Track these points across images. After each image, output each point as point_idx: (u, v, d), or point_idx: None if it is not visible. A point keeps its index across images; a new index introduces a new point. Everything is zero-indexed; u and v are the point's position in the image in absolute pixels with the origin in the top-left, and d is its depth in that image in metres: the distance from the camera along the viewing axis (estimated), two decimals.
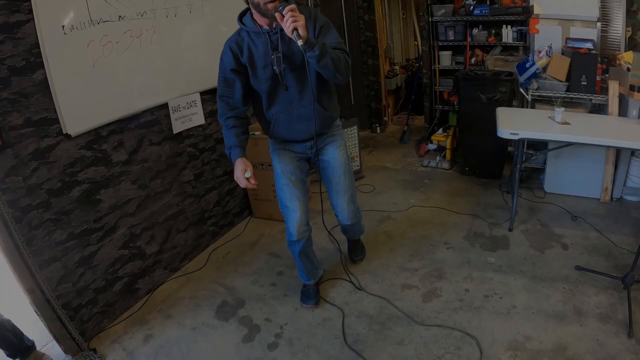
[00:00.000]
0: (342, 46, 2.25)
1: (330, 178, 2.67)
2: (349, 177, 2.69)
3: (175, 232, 3.35)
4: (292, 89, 2.32)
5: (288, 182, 2.58)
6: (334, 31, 2.28)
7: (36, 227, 2.39)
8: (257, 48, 2.24)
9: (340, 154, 2.62)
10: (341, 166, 2.63)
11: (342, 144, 2.66)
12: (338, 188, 2.69)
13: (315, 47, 2.00)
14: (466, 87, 4.43)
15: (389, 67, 6.95)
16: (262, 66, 2.26)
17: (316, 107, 2.35)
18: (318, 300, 2.93)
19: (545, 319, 2.61)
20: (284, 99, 2.35)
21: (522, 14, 4.60)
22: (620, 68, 3.73)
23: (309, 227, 2.73)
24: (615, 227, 3.51)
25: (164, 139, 3.18)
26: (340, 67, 2.15)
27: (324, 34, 2.22)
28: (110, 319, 2.89)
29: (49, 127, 2.40)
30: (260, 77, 2.29)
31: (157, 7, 2.91)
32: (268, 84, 2.30)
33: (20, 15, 2.21)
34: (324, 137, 2.60)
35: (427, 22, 5.22)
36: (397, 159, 5.45)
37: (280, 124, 2.44)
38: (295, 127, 2.44)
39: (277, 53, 2.20)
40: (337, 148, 2.62)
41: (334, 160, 2.62)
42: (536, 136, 3.35)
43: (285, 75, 2.26)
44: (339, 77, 2.19)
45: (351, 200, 2.75)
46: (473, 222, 3.76)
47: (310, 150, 2.59)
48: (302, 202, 2.61)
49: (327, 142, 2.62)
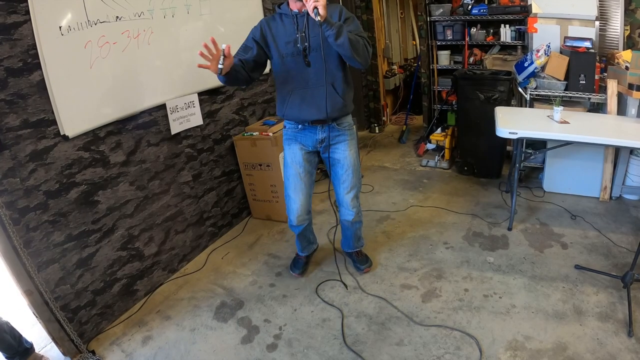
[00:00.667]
0: (362, 34, 2.45)
1: (339, 175, 2.82)
2: (356, 176, 2.85)
3: (173, 233, 3.35)
4: (311, 68, 2.54)
5: (296, 173, 2.80)
6: (358, 23, 2.53)
7: (34, 228, 2.38)
8: (285, 27, 2.52)
9: (350, 154, 2.78)
10: (351, 165, 2.79)
11: (353, 144, 2.81)
12: (345, 185, 2.83)
13: (334, 27, 2.25)
14: (465, 87, 4.43)
15: (388, 67, 6.96)
16: (285, 42, 2.52)
17: (329, 89, 2.54)
18: (303, 272, 3.24)
19: (545, 318, 2.60)
20: (301, 77, 2.57)
21: (521, 13, 4.61)
22: (619, 67, 3.74)
23: (309, 215, 3.00)
24: (615, 226, 3.51)
25: (162, 139, 3.17)
26: (357, 48, 2.34)
27: (348, 24, 2.43)
28: (108, 321, 2.88)
29: (46, 128, 2.39)
30: (281, 51, 2.54)
31: (154, 7, 2.91)
32: (289, 59, 2.54)
33: (17, 17, 2.21)
34: (335, 133, 2.73)
35: (425, 22, 5.23)
36: (396, 158, 5.46)
37: (294, 102, 2.63)
38: (307, 106, 2.61)
39: (301, 32, 2.48)
40: (348, 148, 2.77)
41: (344, 159, 2.78)
42: (535, 135, 3.35)
43: (308, 53, 2.51)
44: (357, 58, 2.37)
45: (356, 196, 2.90)
46: (472, 221, 3.76)
47: (320, 144, 2.74)
48: (304, 194, 2.85)
49: (339, 141, 2.75)
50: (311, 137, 2.73)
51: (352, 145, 2.79)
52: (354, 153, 2.80)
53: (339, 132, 2.73)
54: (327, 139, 2.71)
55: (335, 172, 2.82)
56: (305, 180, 2.82)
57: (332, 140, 2.72)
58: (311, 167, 2.84)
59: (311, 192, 2.91)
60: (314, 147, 2.77)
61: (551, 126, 3.35)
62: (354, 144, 2.80)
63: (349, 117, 2.78)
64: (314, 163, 2.86)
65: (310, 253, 3.32)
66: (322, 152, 2.81)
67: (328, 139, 2.71)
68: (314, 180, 2.92)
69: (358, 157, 2.86)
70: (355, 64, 2.43)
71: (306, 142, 2.76)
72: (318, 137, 2.72)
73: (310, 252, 3.31)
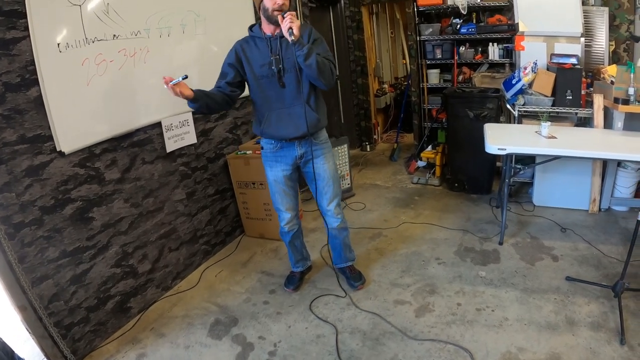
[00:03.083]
0: (330, 57, 2.58)
1: (321, 187, 2.91)
2: (337, 185, 2.96)
3: (167, 251, 3.34)
4: (286, 89, 2.64)
5: (280, 190, 2.93)
6: (325, 46, 2.66)
7: (29, 244, 2.38)
8: (259, 50, 2.62)
9: (329, 166, 2.89)
10: (331, 177, 2.91)
11: (330, 156, 2.91)
12: (328, 195, 2.94)
13: (305, 47, 2.41)
14: (454, 105, 4.50)
15: (378, 86, 7.04)
16: (260, 65, 2.62)
17: (306, 107, 2.65)
18: (297, 287, 3.28)
19: (537, 330, 2.62)
20: (277, 98, 2.67)
21: (508, 31, 4.71)
22: (605, 81, 3.82)
23: (298, 221, 3.11)
24: (604, 237, 3.56)
25: (157, 157, 3.19)
26: (323, 70, 2.49)
27: (316, 45, 2.57)
28: (102, 338, 2.86)
29: (42, 144, 2.41)
30: (257, 73, 2.64)
31: (150, 26, 2.96)
32: (263, 81, 2.64)
33: (17, 32, 2.24)
34: (313, 148, 2.81)
35: (415, 41, 5.32)
36: (387, 176, 5.50)
37: (271, 121, 2.72)
38: (285, 125, 2.70)
39: (274, 55, 2.57)
40: (326, 162, 2.88)
41: (324, 172, 2.88)
42: (523, 151, 3.41)
43: (283, 74, 2.60)
44: (321, 79, 2.51)
45: (338, 204, 3.01)
46: (463, 237, 3.79)
47: (300, 159, 2.84)
48: (291, 204, 3.00)
49: (318, 155, 2.84)
50: (290, 154, 2.82)
51: (330, 157, 2.90)
52: (332, 165, 2.91)
53: (317, 146, 2.82)
54: (306, 153, 2.82)
55: (317, 185, 2.89)
56: (289, 193, 2.96)
57: (310, 154, 2.82)
58: (293, 182, 2.97)
59: (297, 200, 3.06)
60: (294, 164, 2.86)
61: (539, 141, 3.42)
62: (330, 156, 2.90)
63: (324, 131, 2.89)
64: (294, 179, 2.97)
65: (304, 269, 3.36)
66: (302, 167, 2.91)
67: (307, 154, 2.82)
68: (297, 188, 3.05)
69: (336, 168, 2.98)
70: (319, 84, 2.58)
71: (286, 160, 2.84)
72: (297, 153, 2.81)
73: (304, 268, 3.35)
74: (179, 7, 3.20)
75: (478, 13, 5.19)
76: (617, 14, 4.49)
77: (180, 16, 3.21)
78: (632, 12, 4.45)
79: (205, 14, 3.44)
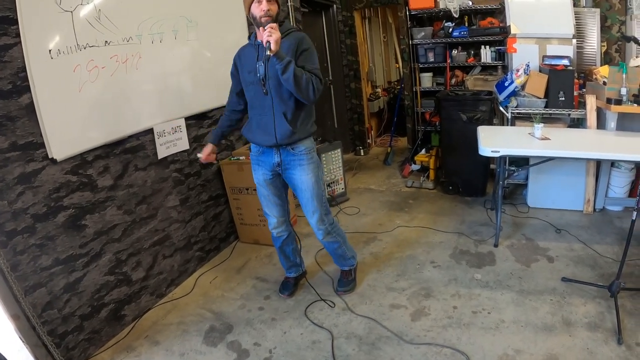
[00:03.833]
0: (315, 71, 2.56)
1: (300, 199, 2.90)
2: (317, 200, 2.86)
3: (161, 258, 3.32)
4: (268, 96, 2.63)
5: (264, 194, 2.95)
6: (314, 57, 2.62)
7: (21, 252, 2.35)
8: (248, 57, 2.67)
9: (307, 178, 2.79)
10: (308, 189, 2.82)
11: (312, 168, 2.80)
12: (307, 209, 2.90)
13: (282, 61, 2.37)
14: (447, 108, 4.52)
15: (371, 90, 7.07)
16: (247, 71, 2.67)
17: (277, 117, 2.64)
18: (292, 293, 3.28)
19: (534, 331, 2.62)
20: (259, 104, 2.68)
21: (500, 34, 4.75)
22: (597, 82, 3.85)
23: (286, 228, 3.07)
24: (599, 237, 3.58)
25: (150, 164, 3.17)
26: (300, 84, 2.44)
27: (304, 57, 2.56)
28: (96, 346, 2.83)
29: (34, 151, 2.38)
30: (245, 79, 2.71)
31: (142, 32, 2.95)
32: (250, 87, 2.69)
33: (8, 39, 2.22)
34: (290, 158, 2.77)
35: (408, 45, 5.35)
36: (382, 180, 5.51)
37: (251, 126, 2.78)
38: (259, 131, 2.73)
39: (261, 62, 2.55)
40: (305, 172, 2.79)
41: (301, 183, 2.81)
42: (517, 153, 3.42)
43: (265, 81, 2.59)
44: (299, 94, 2.49)
45: (320, 220, 2.93)
46: (458, 240, 3.79)
47: (277, 167, 2.80)
48: (277, 210, 2.99)
49: (294, 166, 2.78)
50: (269, 160, 2.81)
51: (310, 169, 2.79)
52: (313, 177, 2.81)
53: (294, 156, 2.75)
54: (284, 162, 2.78)
55: (298, 196, 2.90)
56: (273, 199, 2.94)
57: (287, 164, 2.78)
58: (276, 188, 2.93)
59: (285, 208, 3.04)
60: (273, 170, 2.84)
61: (532, 143, 3.43)
62: (312, 168, 2.80)
63: (306, 141, 2.78)
64: (278, 184, 2.93)
65: (297, 275, 3.35)
66: (283, 175, 2.86)
67: (284, 163, 2.78)
68: (284, 196, 3.03)
69: (319, 181, 2.86)
70: (299, 98, 2.55)
71: (266, 165, 2.84)
72: (274, 161, 2.78)
73: (297, 274, 3.34)
74: (170, 13, 3.19)
75: (470, 16, 5.23)
76: (608, 15, 4.54)
77: (172, 22, 3.20)
78: (624, 13, 4.49)
79: (197, 20, 3.43)
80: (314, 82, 2.50)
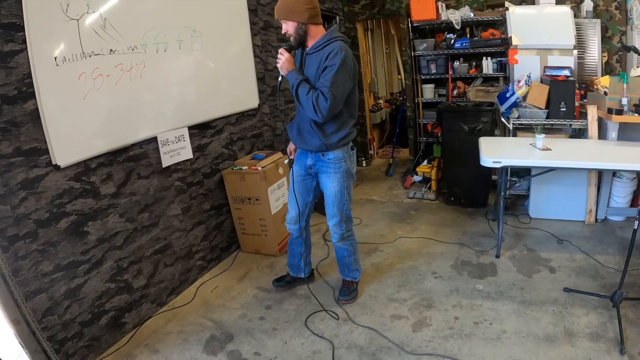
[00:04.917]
0: (323, 89, 2.57)
1: (325, 202, 3.01)
2: (337, 208, 2.97)
3: (162, 266, 3.32)
4: None
5: (295, 187, 3.06)
6: (333, 74, 2.56)
7: (23, 257, 2.36)
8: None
9: (332, 186, 2.92)
10: (330, 196, 2.95)
11: (337, 177, 2.91)
12: (328, 212, 3.03)
13: (290, 84, 2.66)
14: (449, 119, 4.53)
15: (374, 101, 7.08)
16: None
17: (311, 125, 2.77)
18: (282, 287, 3.43)
19: (536, 342, 2.60)
20: (299, 110, 2.84)
21: (501, 45, 4.77)
22: (598, 92, 3.87)
23: (299, 228, 3.17)
24: (601, 248, 3.57)
25: (153, 172, 3.19)
26: (305, 106, 2.63)
27: (324, 73, 2.61)
28: (96, 354, 2.81)
29: (38, 157, 2.40)
30: None
31: (147, 42, 2.98)
32: None
33: (14, 45, 2.25)
34: (320, 164, 2.91)
35: (410, 57, 5.38)
36: (383, 191, 5.51)
37: (293, 127, 2.95)
38: (296, 134, 2.90)
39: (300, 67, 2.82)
40: (331, 180, 2.91)
41: (326, 189, 2.97)
42: (518, 163, 3.43)
43: None
44: (305, 111, 2.67)
45: (337, 225, 3.03)
46: (460, 250, 3.79)
47: (310, 169, 2.97)
48: (296, 209, 3.08)
49: (323, 172, 2.93)
50: (304, 161, 2.97)
51: (336, 178, 2.90)
52: (337, 186, 2.91)
53: (323, 162, 2.89)
54: (314, 166, 2.94)
55: (324, 198, 3.01)
56: (297, 196, 3.05)
57: (317, 169, 2.94)
58: (305, 188, 3.06)
59: (304, 211, 3.13)
60: (306, 171, 2.99)
61: (534, 154, 3.43)
62: (337, 177, 2.90)
63: (336, 152, 2.86)
64: (308, 185, 3.06)
65: (295, 276, 3.43)
66: (314, 177, 3.02)
67: (315, 167, 2.94)
68: (309, 201, 3.12)
69: (342, 190, 2.94)
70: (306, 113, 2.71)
71: (301, 164, 3.00)
72: (307, 163, 2.95)
73: (295, 274, 3.43)
74: (175, 23, 3.23)
75: (472, 28, 5.26)
76: (609, 26, 4.57)
77: (177, 32, 3.23)
78: (624, 23, 4.52)
79: (202, 30, 3.47)
80: (314, 102, 2.57)
